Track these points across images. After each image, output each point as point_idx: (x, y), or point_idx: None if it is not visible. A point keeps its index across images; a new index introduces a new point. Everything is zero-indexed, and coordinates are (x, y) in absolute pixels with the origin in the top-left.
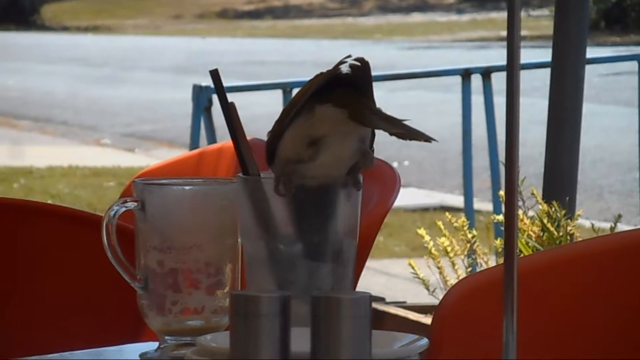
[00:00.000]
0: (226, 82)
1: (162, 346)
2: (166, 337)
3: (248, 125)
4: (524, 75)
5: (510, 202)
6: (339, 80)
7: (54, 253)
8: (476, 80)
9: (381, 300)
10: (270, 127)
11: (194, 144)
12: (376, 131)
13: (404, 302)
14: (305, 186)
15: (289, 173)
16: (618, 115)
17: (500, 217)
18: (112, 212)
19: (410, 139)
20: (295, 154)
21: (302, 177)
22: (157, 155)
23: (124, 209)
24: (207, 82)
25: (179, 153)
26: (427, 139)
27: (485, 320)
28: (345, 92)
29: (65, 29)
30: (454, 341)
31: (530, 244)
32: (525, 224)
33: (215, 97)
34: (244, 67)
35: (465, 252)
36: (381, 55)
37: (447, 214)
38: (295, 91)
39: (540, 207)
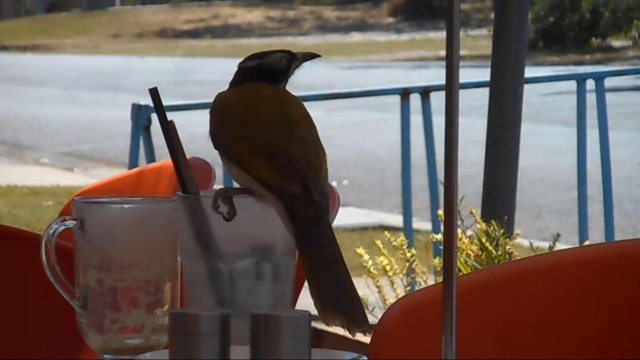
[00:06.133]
0: (165, 101)
1: None
2: (105, 356)
3: (187, 144)
4: (462, 95)
5: (449, 221)
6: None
7: None
8: (415, 100)
9: None
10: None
11: (133, 163)
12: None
13: None
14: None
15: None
16: (557, 134)
17: (439, 236)
18: (51, 231)
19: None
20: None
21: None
22: (96, 175)
23: (63, 227)
24: (146, 101)
25: (118, 172)
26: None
27: (425, 339)
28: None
29: (4, 48)
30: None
31: (469, 263)
32: (464, 243)
33: (154, 116)
34: (183, 86)
35: (404, 271)
36: (320, 75)
37: (386, 233)
38: None
39: (478, 226)
